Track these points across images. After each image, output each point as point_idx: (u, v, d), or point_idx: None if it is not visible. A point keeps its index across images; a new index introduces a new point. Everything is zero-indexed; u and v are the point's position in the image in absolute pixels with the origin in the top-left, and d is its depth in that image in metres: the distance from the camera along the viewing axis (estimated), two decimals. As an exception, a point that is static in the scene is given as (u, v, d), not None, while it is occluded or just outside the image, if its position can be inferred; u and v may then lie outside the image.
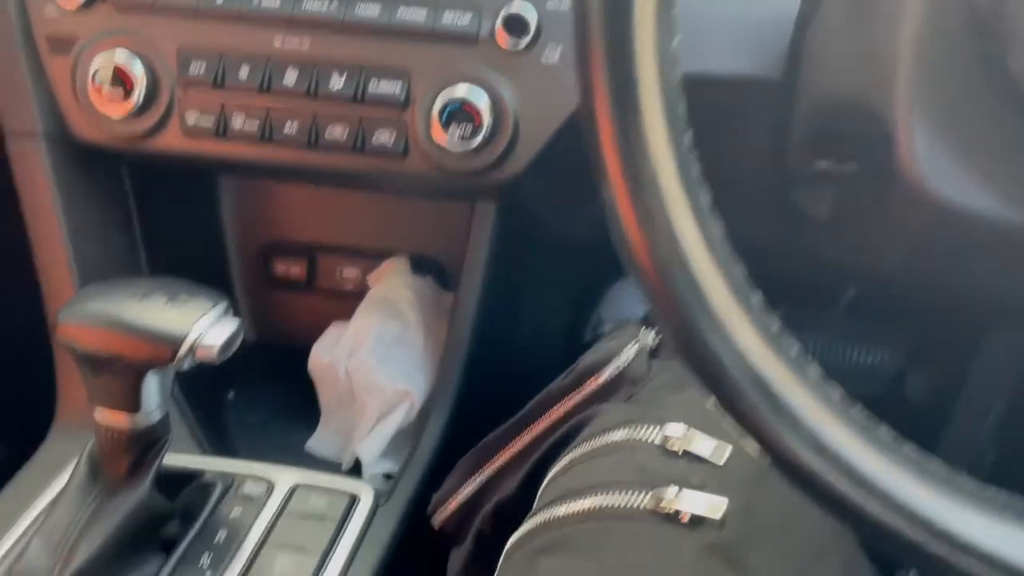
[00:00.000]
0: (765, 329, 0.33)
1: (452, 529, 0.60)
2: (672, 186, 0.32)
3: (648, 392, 0.53)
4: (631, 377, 0.55)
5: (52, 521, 0.54)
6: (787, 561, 0.43)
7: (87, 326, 0.52)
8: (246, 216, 0.85)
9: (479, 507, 0.58)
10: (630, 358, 0.55)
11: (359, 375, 0.73)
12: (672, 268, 0.33)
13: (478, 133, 0.62)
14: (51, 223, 0.67)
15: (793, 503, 0.48)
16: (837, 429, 0.33)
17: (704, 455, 0.46)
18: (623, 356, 0.55)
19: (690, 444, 0.47)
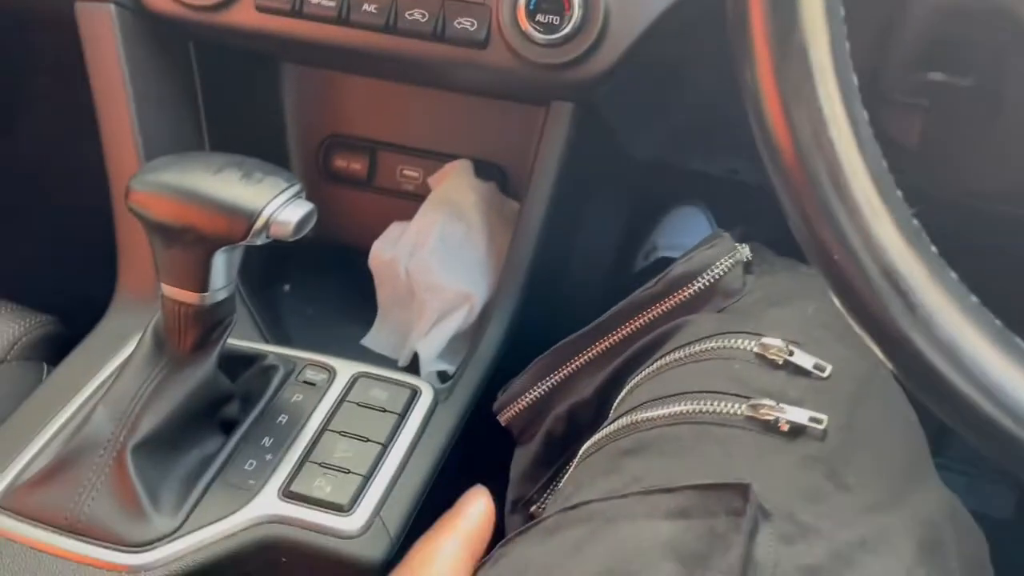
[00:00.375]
0: (906, 222, 0.31)
1: (519, 428, 0.59)
2: (824, 60, 0.30)
3: (742, 306, 0.51)
4: (724, 290, 0.53)
5: (117, 390, 0.54)
6: (884, 481, 0.42)
7: (161, 195, 0.51)
8: (308, 107, 0.83)
9: (550, 408, 0.56)
10: (725, 270, 0.53)
11: (420, 274, 0.72)
12: (813, 150, 0.30)
13: (565, 23, 0.59)
14: (119, 94, 0.65)
15: (890, 424, 0.46)
16: (974, 335, 0.31)
17: (806, 367, 0.44)
18: (717, 267, 0.53)
19: (791, 356, 0.45)
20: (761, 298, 0.51)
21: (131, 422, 0.52)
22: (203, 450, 0.56)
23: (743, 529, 0.35)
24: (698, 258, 0.54)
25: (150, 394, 0.54)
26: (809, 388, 0.44)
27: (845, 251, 0.31)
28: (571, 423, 0.54)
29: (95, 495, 0.51)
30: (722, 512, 0.36)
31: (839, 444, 0.41)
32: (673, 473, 0.41)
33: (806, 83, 0.30)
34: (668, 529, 0.37)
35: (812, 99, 0.30)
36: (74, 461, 0.52)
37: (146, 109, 0.67)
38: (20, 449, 0.55)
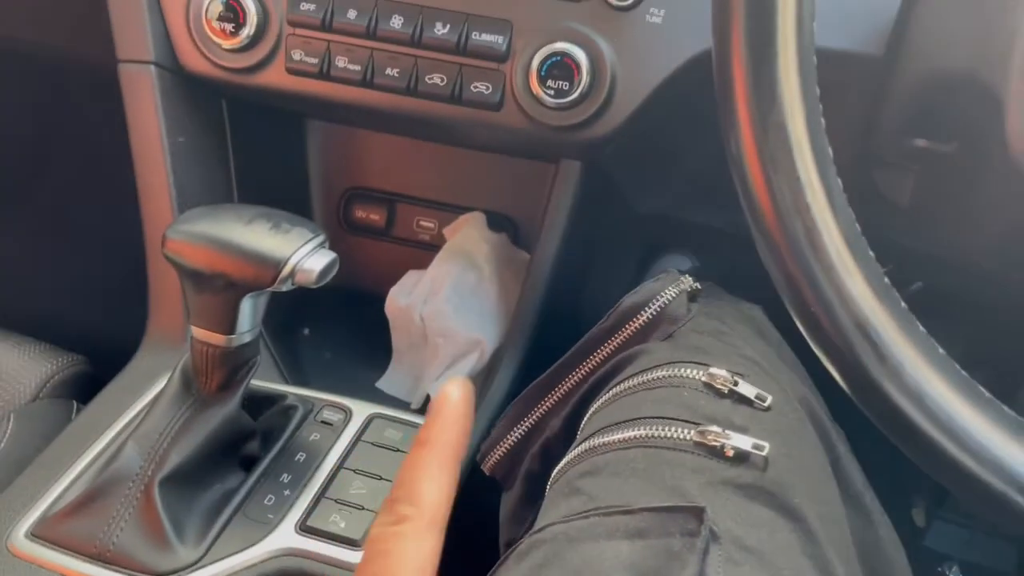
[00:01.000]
0: (877, 279, 0.34)
1: (502, 475, 0.61)
2: (800, 133, 0.33)
3: (688, 336, 0.54)
4: (670, 316, 0.56)
5: (146, 427, 0.57)
6: (825, 507, 0.44)
7: (195, 244, 0.54)
8: (331, 162, 0.87)
9: (527, 450, 0.59)
10: (670, 298, 0.56)
11: (434, 320, 0.75)
12: (792, 214, 0.34)
13: (574, 89, 0.63)
14: (156, 149, 0.70)
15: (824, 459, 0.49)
16: (940, 384, 0.34)
17: (749, 397, 0.47)
18: (663, 296, 0.56)
19: (736, 385, 0.48)
20: (706, 330, 0.54)
21: (159, 457, 0.56)
22: (225, 485, 0.59)
23: (697, 548, 0.38)
24: (644, 290, 0.57)
25: (177, 431, 0.57)
26: (752, 417, 0.46)
27: (821, 305, 0.34)
28: (545, 459, 0.57)
29: (124, 526, 0.54)
30: (677, 532, 0.39)
31: (780, 471, 0.43)
32: (626, 494, 0.43)
33: (785, 154, 0.34)
34: (627, 548, 0.39)
35: (790, 169, 0.33)
36: (104, 493, 0.55)
37: (180, 162, 0.71)
38: (53, 481, 0.58)
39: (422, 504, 0.33)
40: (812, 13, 0.33)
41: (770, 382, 0.49)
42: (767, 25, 0.33)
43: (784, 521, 0.42)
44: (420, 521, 0.33)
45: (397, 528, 0.32)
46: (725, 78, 0.34)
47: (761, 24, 0.33)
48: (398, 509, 0.33)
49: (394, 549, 0.32)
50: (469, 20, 0.64)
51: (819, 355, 0.35)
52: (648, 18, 0.62)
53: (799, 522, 0.42)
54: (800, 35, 0.33)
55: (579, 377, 0.59)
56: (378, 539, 0.32)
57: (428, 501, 0.33)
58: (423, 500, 0.33)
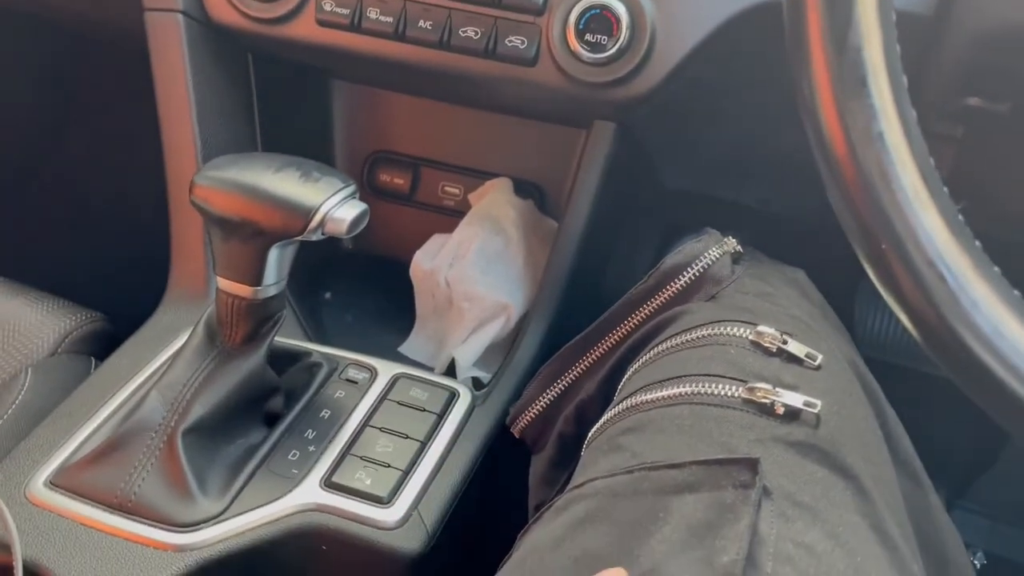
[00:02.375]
0: (952, 216, 0.33)
1: (533, 437, 0.60)
2: (877, 59, 0.32)
3: (733, 296, 0.53)
4: (713, 277, 0.54)
5: (170, 377, 0.56)
6: (877, 468, 0.43)
7: (224, 190, 0.53)
8: (356, 124, 0.86)
9: (560, 412, 0.57)
10: (714, 259, 0.55)
11: (459, 284, 0.74)
12: (864, 143, 0.32)
13: (613, 44, 0.61)
14: (182, 99, 0.69)
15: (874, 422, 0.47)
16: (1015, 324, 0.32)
17: (799, 355, 0.46)
18: (706, 257, 0.55)
19: (785, 344, 0.46)
20: (751, 291, 0.53)
21: (182, 408, 0.54)
22: (249, 439, 0.58)
23: (752, 500, 0.36)
24: (687, 250, 0.56)
25: (201, 382, 0.55)
26: (802, 375, 0.45)
27: (892, 240, 0.32)
28: (579, 421, 0.55)
29: (145, 476, 0.53)
30: (730, 485, 0.38)
31: (832, 429, 0.42)
32: (672, 450, 0.42)
33: (860, 80, 0.32)
34: (676, 502, 0.38)
35: (865, 95, 0.32)
36: (126, 443, 0.54)
37: (206, 115, 0.69)
38: (74, 430, 0.57)
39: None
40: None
41: (819, 342, 0.48)
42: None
43: (837, 479, 0.41)
44: None
45: None
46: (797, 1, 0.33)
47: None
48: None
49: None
50: (506, -29, 0.63)
51: (885, 294, 0.33)
52: (691, -29, 0.60)
53: (852, 480, 0.41)
54: (878, -45, 0.32)
55: (617, 338, 0.57)
56: None
57: None
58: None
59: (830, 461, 0.41)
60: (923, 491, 0.48)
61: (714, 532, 0.36)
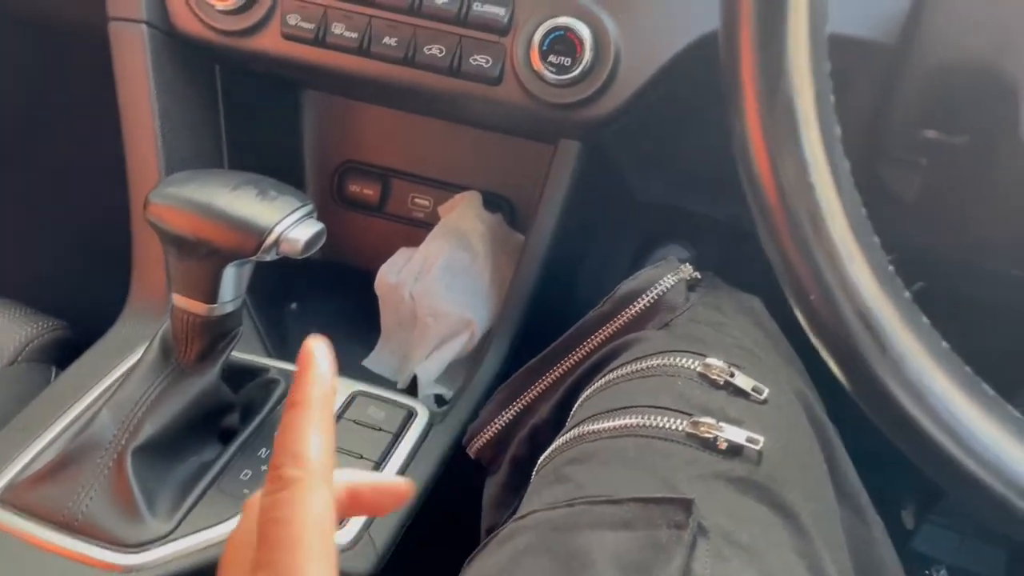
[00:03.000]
0: (882, 267, 0.33)
1: (488, 458, 0.60)
2: (808, 111, 0.32)
3: (686, 325, 0.53)
4: (668, 305, 0.54)
5: (122, 395, 0.56)
6: (818, 504, 0.43)
7: (178, 208, 0.53)
8: (326, 134, 0.85)
9: (515, 435, 0.57)
10: (669, 286, 0.55)
11: (424, 299, 0.73)
12: (795, 193, 0.32)
13: (576, 65, 0.61)
14: (144, 110, 0.68)
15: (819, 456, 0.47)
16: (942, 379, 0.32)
17: (745, 389, 0.46)
18: (661, 284, 0.55)
19: (732, 377, 0.46)
20: (703, 320, 0.53)
21: (133, 426, 0.54)
22: (201, 457, 0.58)
23: (684, 541, 0.36)
24: (643, 277, 0.56)
25: (153, 400, 0.55)
26: (747, 409, 0.45)
27: (821, 291, 0.32)
28: (533, 445, 0.55)
29: (93, 495, 0.53)
30: (664, 524, 0.38)
31: (774, 466, 0.42)
32: (615, 483, 0.42)
33: (791, 131, 0.32)
34: (612, 539, 0.38)
35: (796, 146, 0.32)
36: (75, 461, 0.54)
37: (169, 126, 0.69)
38: (24, 446, 0.57)
39: (308, 464, 0.31)
40: (826, -15, 0.32)
41: (767, 374, 0.48)
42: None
43: (776, 517, 0.41)
44: (310, 479, 0.31)
45: (287, 493, 0.31)
46: (732, 49, 0.33)
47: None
48: (284, 474, 0.31)
49: (290, 514, 0.30)
50: (471, -10, 0.62)
51: (816, 344, 0.33)
52: (655, -5, 0.60)
53: (792, 519, 0.41)
54: (813, 9, 0.31)
55: (572, 363, 0.57)
56: (270, 508, 0.31)
57: (313, 460, 0.32)
58: (308, 460, 0.31)
59: (770, 498, 0.41)
60: (867, 526, 0.48)
61: (647, 572, 0.36)
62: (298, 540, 0.30)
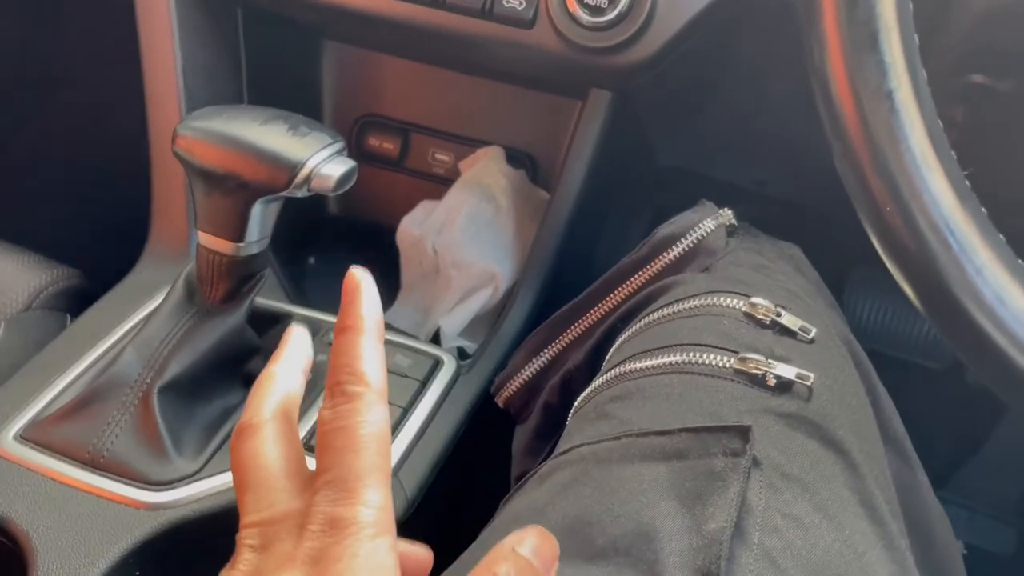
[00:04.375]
0: (959, 181, 0.32)
1: (517, 407, 0.59)
2: (890, 15, 0.31)
3: (727, 269, 0.52)
4: (708, 248, 0.53)
5: (146, 334, 0.54)
6: (867, 444, 0.42)
7: (207, 141, 0.51)
8: (346, 85, 0.84)
9: (546, 383, 0.56)
10: (708, 231, 0.54)
11: (448, 251, 0.72)
12: (873, 100, 0.31)
13: (612, 8, 0.60)
14: (167, 52, 0.67)
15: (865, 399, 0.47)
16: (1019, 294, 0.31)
17: (793, 328, 0.45)
18: (700, 228, 0.54)
19: (779, 316, 0.45)
20: (745, 263, 0.52)
21: (159, 365, 0.53)
22: (226, 400, 0.57)
23: (742, 468, 0.35)
24: (681, 221, 0.55)
25: (179, 340, 0.54)
26: (795, 348, 0.44)
27: (897, 203, 0.31)
28: (565, 392, 0.54)
29: (119, 432, 0.52)
30: (720, 453, 0.37)
31: (824, 403, 0.42)
32: (661, 418, 0.41)
33: (872, 37, 0.31)
34: (665, 469, 0.37)
35: (876, 52, 0.31)
36: (100, 398, 0.53)
37: (191, 70, 0.68)
38: (47, 384, 0.56)
39: (369, 381, 0.32)
40: None
41: (813, 316, 0.47)
42: None
43: (827, 452, 0.40)
44: (371, 394, 0.32)
45: (351, 405, 0.32)
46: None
47: None
48: (347, 390, 0.32)
49: (354, 423, 0.31)
50: (506, -71, 0.61)
51: (887, 258, 0.32)
52: (695, -63, 0.59)
53: (843, 455, 0.40)
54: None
55: (607, 308, 0.56)
56: (333, 418, 0.31)
57: (373, 378, 0.32)
58: (369, 377, 0.32)
59: (821, 434, 0.40)
60: (912, 471, 0.48)
61: (702, 500, 0.36)
62: (362, 447, 0.31)
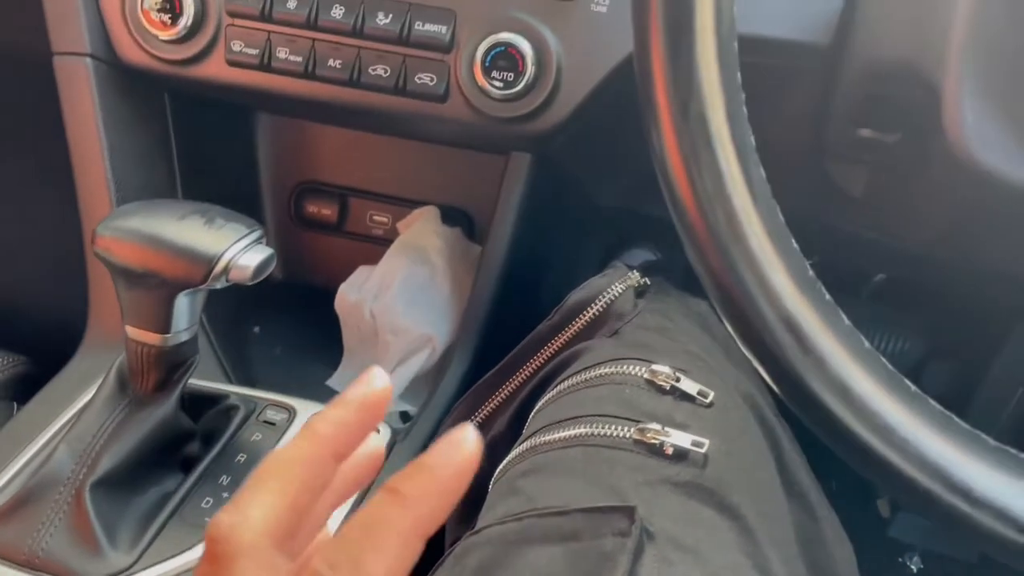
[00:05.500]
0: (800, 272, 0.33)
1: None
2: (720, 123, 0.33)
3: (634, 332, 0.54)
4: (616, 312, 0.55)
5: (79, 429, 0.56)
6: (766, 505, 0.44)
7: (125, 240, 0.53)
8: (282, 155, 0.86)
9: None
10: (617, 294, 0.56)
11: (384, 316, 0.74)
12: (713, 204, 0.33)
13: (520, 80, 0.62)
14: (93, 143, 0.68)
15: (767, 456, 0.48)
16: (863, 376, 0.33)
17: (691, 393, 0.47)
18: (610, 292, 0.56)
19: (678, 382, 0.47)
20: (651, 326, 0.54)
21: (91, 460, 0.54)
22: (162, 488, 0.58)
23: (628, 549, 0.37)
24: (592, 286, 0.57)
25: (111, 433, 0.55)
26: (694, 413, 0.46)
27: (743, 298, 0.33)
28: (492, 458, 0.56)
29: (53, 531, 0.53)
30: (609, 533, 0.38)
31: (720, 469, 0.43)
32: (564, 494, 0.42)
33: (705, 145, 0.33)
34: (560, 552, 0.39)
35: (711, 159, 0.33)
36: (35, 498, 0.54)
37: (119, 159, 0.69)
38: (-18, 485, 0.57)
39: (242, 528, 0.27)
40: (731, 0, 0.32)
41: (713, 378, 0.49)
42: (685, 14, 0.32)
43: (722, 519, 0.41)
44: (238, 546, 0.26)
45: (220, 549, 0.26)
46: (644, 68, 0.33)
47: (679, 13, 0.32)
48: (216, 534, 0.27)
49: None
50: (412, 10, 0.63)
51: (743, 349, 0.34)
52: (593, 7, 0.61)
53: (738, 520, 0.42)
54: (719, 23, 0.32)
55: (525, 375, 0.58)
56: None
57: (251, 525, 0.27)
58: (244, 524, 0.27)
59: (716, 501, 0.42)
60: (816, 522, 0.49)
61: None
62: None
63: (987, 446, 0.33)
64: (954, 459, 0.32)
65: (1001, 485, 0.32)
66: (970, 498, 0.32)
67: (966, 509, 0.32)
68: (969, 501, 0.32)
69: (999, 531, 0.32)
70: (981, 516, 0.32)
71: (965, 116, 0.43)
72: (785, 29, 0.59)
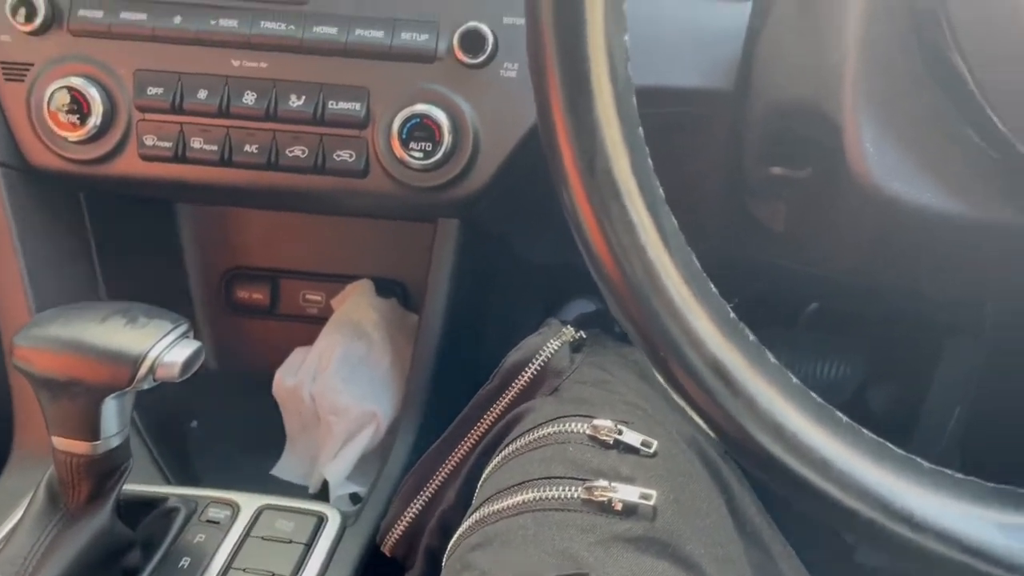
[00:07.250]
0: (722, 315, 0.34)
1: (403, 554, 0.59)
2: (626, 176, 0.33)
3: (573, 388, 0.54)
4: (554, 369, 0.55)
5: (10, 551, 0.53)
6: (720, 549, 0.44)
7: (43, 349, 0.51)
8: (206, 242, 0.85)
9: (425, 525, 0.57)
10: (553, 351, 0.56)
11: (324, 397, 0.72)
12: (628, 256, 0.33)
13: (438, 149, 0.62)
14: (7, 252, 0.66)
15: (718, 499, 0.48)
16: (795, 412, 0.33)
17: (635, 445, 0.47)
18: (545, 350, 0.56)
19: (621, 435, 0.47)
20: (588, 380, 0.54)
21: (24, 583, 0.51)
22: (103, 604, 0.55)
23: None
24: (527, 346, 0.57)
25: (45, 551, 0.52)
26: (639, 465, 0.46)
27: (670, 347, 0.33)
28: (444, 533, 0.55)
29: (-13, 666, 0.49)
30: None
31: (670, 519, 0.43)
32: (517, 565, 0.42)
33: (615, 199, 0.33)
34: None
35: (622, 212, 0.33)
36: (-35, 631, 0.50)
37: (38, 267, 0.67)
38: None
39: None
40: (624, 58, 0.33)
41: (655, 426, 0.49)
42: (581, 75, 0.33)
43: (678, 570, 0.41)
44: None
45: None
46: (548, 130, 0.34)
47: (574, 75, 0.33)
48: None
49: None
50: (324, 90, 0.63)
51: (675, 397, 0.34)
52: (503, 73, 0.62)
53: (692, 569, 0.41)
54: (614, 81, 0.33)
55: (471, 443, 0.57)
56: None
57: None
58: None
59: (669, 552, 0.41)
60: (773, 561, 0.49)
61: None
62: None
63: (922, 469, 0.33)
64: (892, 486, 0.33)
65: (940, 507, 0.32)
66: (912, 523, 0.32)
67: (909, 535, 0.32)
68: (911, 526, 0.32)
69: (943, 553, 0.32)
70: (924, 540, 0.32)
71: (865, 147, 0.45)
72: (690, 78, 0.61)
